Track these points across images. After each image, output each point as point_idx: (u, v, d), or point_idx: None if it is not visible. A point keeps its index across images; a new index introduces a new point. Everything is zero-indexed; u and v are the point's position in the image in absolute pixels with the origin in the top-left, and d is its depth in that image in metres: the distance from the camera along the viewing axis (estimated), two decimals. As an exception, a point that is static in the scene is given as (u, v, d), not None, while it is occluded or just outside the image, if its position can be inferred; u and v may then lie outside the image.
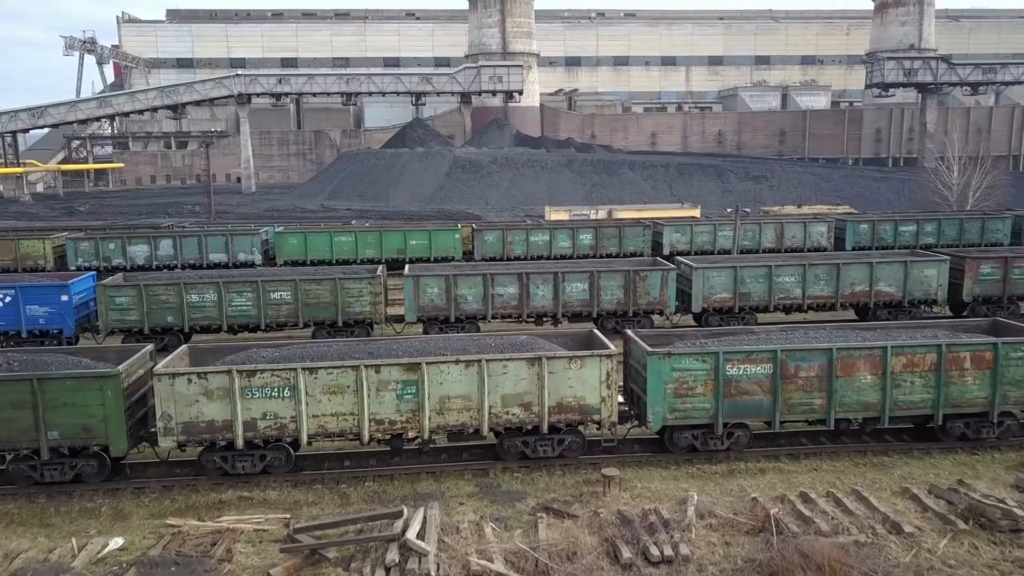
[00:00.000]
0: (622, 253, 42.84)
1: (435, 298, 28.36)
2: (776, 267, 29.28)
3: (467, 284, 28.38)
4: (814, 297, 29.56)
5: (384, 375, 17.30)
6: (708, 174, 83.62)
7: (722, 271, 29.11)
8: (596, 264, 30.81)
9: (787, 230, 43.21)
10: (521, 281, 28.51)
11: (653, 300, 29.02)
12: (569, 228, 42.74)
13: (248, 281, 27.75)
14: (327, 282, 27.93)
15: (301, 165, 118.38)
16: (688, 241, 42.86)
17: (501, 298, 28.60)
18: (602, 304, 28.91)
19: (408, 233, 41.57)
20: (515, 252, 42.38)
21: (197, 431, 17.12)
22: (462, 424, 17.65)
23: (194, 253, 40.40)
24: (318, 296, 27.95)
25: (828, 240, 43.47)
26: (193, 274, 28.82)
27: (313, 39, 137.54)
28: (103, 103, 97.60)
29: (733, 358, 18.07)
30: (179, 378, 16.96)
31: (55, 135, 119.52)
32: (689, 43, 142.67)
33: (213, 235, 40.59)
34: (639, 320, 29.30)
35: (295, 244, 40.84)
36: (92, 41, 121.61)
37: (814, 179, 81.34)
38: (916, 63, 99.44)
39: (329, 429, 17.45)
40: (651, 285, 28.89)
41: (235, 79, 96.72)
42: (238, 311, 27.81)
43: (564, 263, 31.28)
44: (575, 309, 28.99)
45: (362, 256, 41.36)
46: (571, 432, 18.18)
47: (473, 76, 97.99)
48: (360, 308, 28.16)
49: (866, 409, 18.49)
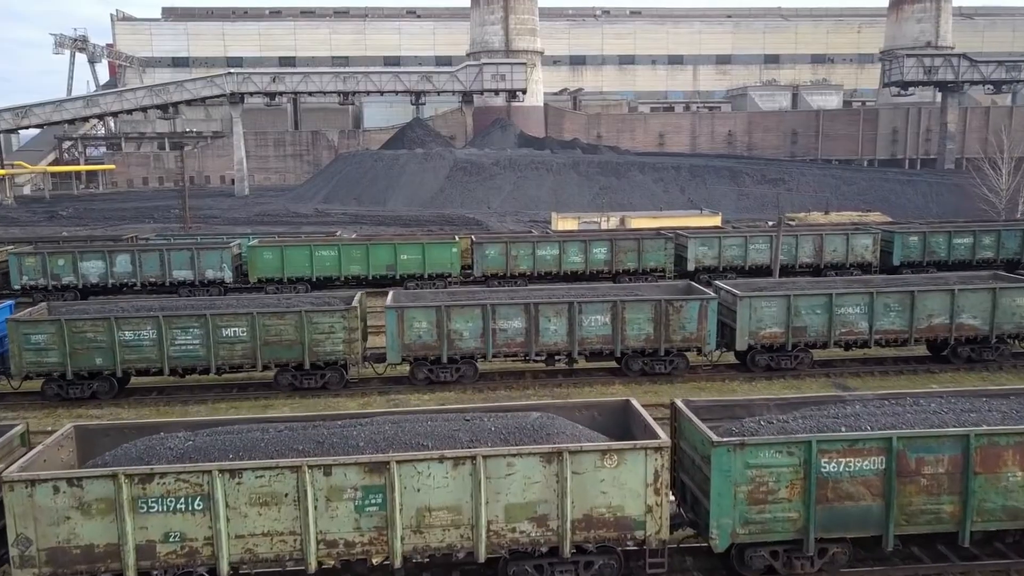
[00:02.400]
0: (641, 270, 37.35)
1: (423, 334, 22.89)
2: (838, 296, 23.76)
3: (463, 317, 22.92)
4: (883, 332, 24.05)
5: (337, 479, 11.88)
6: (722, 177, 78.01)
7: (772, 301, 23.61)
8: (619, 291, 25.30)
9: (827, 243, 37.65)
10: (529, 313, 23.04)
11: (689, 335, 23.53)
12: (581, 241, 37.19)
13: (194, 315, 22.29)
14: (291, 316, 22.46)
15: (298, 166, 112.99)
16: (716, 256, 37.33)
17: (504, 334, 23.13)
18: (627, 341, 23.44)
19: (399, 247, 36.07)
20: (520, 268, 36.92)
21: (69, 561, 11.72)
22: (449, 546, 12.22)
23: (155, 270, 34.96)
24: (280, 333, 22.49)
25: (874, 254, 37.93)
26: (128, 306, 23.38)
27: (312, 38, 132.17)
28: (90, 103, 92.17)
29: (830, 449, 12.62)
30: (40, 486, 11.55)
31: (46, 135, 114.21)
32: (696, 41, 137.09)
33: (177, 249, 35.14)
34: (671, 359, 23.84)
35: (270, 260, 35.37)
36: (83, 39, 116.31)
37: (834, 182, 75.69)
38: (937, 60, 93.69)
39: (260, 554, 12.03)
40: (687, 318, 23.41)
41: (227, 78, 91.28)
42: (183, 351, 22.36)
43: (579, 289, 25.78)
44: (594, 346, 23.52)
45: (346, 273, 35.94)
46: (604, 553, 12.72)
47: (475, 74, 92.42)
48: (332, 347, 22.69)
49: (1016, 518, 13.03)
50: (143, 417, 21.47)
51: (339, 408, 22.18)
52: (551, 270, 37.18)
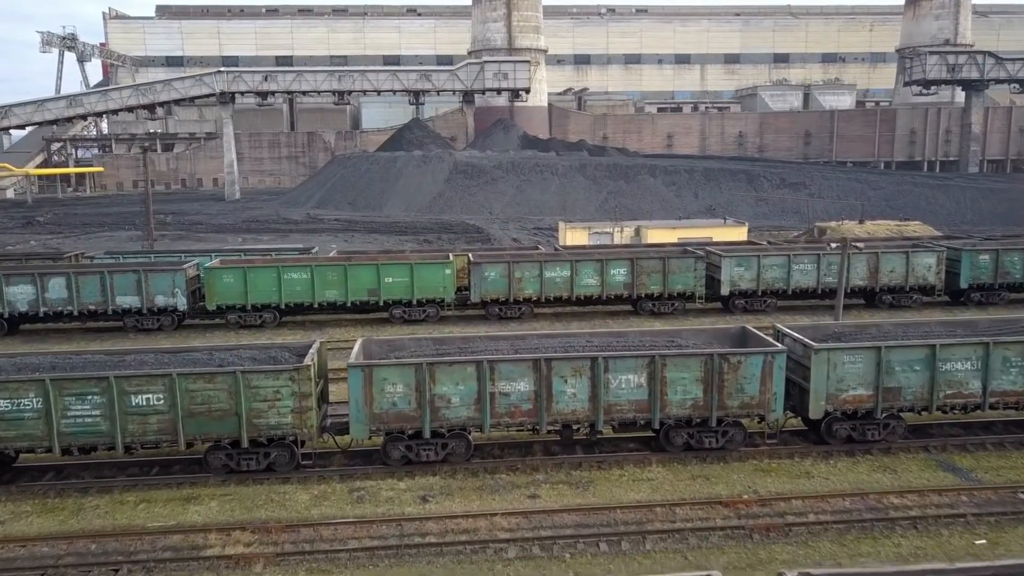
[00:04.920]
0: (666, 294, 31.35)
1: (399, 400, 16.94)
2: (943, 347, 17.75)
3: (451, 378, 16.97)
4: (1002, 394, 18.09)
5: None
6: (738, 180, 71.87)
7: (858, 355, 17.62)
8: (654, 338, 19.24)
9: (884, 262, 31.60)
10: (539, 372, 17.08)
11: (749, 400, 17.56)
12: (596, 260, 31.12)
13: (94, 377, 16.37)
14: (223, 378, 16.52)
15: (293, 169, 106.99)
16: (754, 277, 31.29)
17: (506, 399, 17.19)
18: (669, 407, 17.48)
19: (383, 267, 30.06)
20: (525, 292, 30.92)
21: None
22: None
23: (95, 296, 28.98)
24: (209, 400, 16.56)
25: (938, 276, 31.91)
26: (6, 362, 17.48)
27: (309, 36, 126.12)
28: (73, 103, 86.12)
29: None
30: None
31: (35, 137, 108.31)
32: (704, 40, 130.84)
33: (121, 272, 29.13)
34: (726, 431, 17.88)
35: (231, 284, 29.37)
36: (72, 37, 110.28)
37: (859, 186, 69.46)
38: (961, 58, 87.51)
39: None
40: (747, 376, 17.44)
41: (217, 76, 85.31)
42: (79, 425, 16.44)
43: (603, 337, 19.75)
44: (625, 414, 17.55)
45: (321, 299, 29.97)
46: None
47: (476, 73, 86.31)
48: (277, 419, 16.75)
49: None
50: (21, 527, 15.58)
51: (285, 501, 16.32)
52: (562, 295, 31.19)
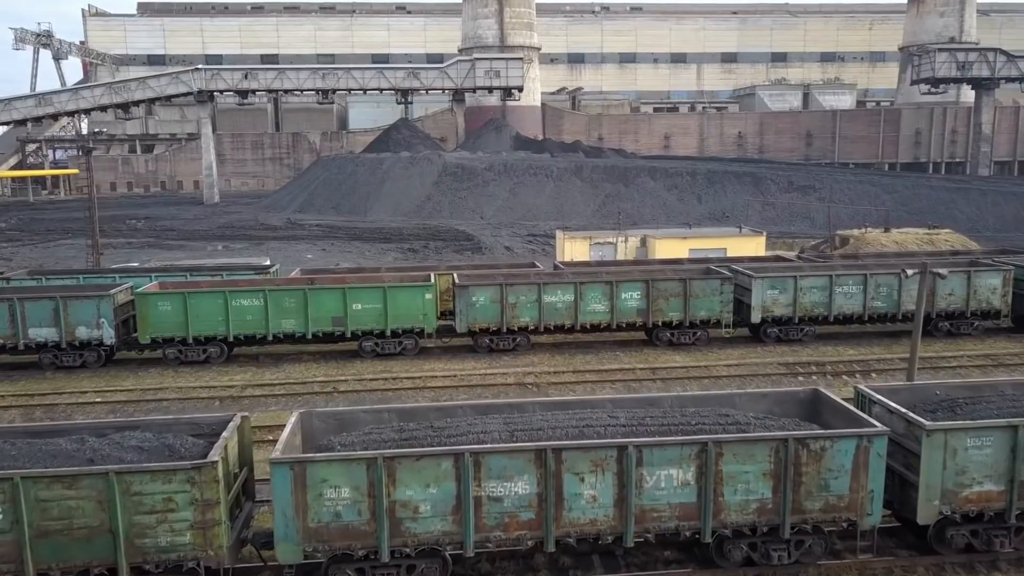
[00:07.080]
0: (687, 322, 26.18)
1: (345, 510, 11.66)
2: (1102, 425, 12.63)
3: (419, 477, 11.69)
4: None
5: None
6: (743, 183, 66.82)
7: (986, 436, 12.48)
8: (698, 404, 14.03)
9: (940, 285, 26.52)
10: (544, 465, 11.84)
11: (836, 502, 12.35)
12: (605, 283, 25.92)
13: None
14: (90, 482, 11.23)
15: (277, 171, 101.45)
16: (790, 302, 26.14)
17: (498, 506, 11.93)
18: (724, 512, 12.26)
19: (351, 292, 24.78)
20: (520, 320, 25.69)
21: None
22: None
23: (3, 328, 23.65)
24: (70, 514, 11.27)
25: (1004, 299, 26.85)
26: None
27: (295, 35, 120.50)
28: (42, 101, 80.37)
29: None
30: None
31: (9, 138, 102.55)
32: (700, 39, 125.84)
33: (34, 299, 23.79)
34: (801, 540, 12.68)
35: (167, 312, 24.04)
36: (47, 34, 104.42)
37: (872, 190, 64.50)
38: (971, 56, 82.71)
39: None
40: (832, 467, 12.23)
41: (195, 74, 79.83)
42: None
43: (628, 406, 14.54)
44: (665, 524, 12.31)
45: (277, 330, 24.68)
46: None
47: (467, 70, 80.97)
48: (171, 538, 11.45)
49: None
50: None
51: (180, 662, 11.05)
52: (563, 323, 25.95)
